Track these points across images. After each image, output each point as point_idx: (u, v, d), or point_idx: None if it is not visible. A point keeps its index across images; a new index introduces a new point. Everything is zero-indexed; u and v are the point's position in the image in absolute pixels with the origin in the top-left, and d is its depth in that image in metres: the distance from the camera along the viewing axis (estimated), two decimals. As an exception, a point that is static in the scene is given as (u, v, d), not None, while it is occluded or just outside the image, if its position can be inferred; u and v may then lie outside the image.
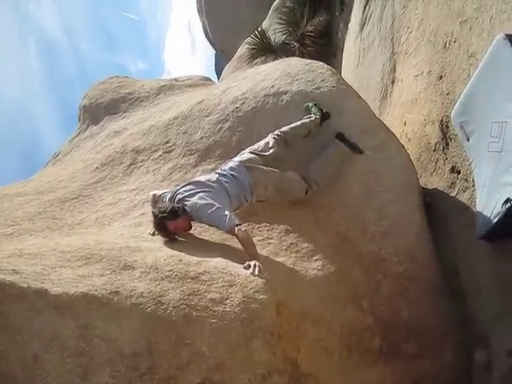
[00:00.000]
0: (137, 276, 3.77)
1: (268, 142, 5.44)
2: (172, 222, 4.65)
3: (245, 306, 3.76)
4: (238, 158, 5.22)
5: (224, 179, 4.95)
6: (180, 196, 4.85)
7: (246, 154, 5.29)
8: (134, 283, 3.67)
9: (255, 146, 5.42)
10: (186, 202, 4.74)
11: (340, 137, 5.57)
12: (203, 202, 4.66)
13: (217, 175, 5.03)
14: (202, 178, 5.04)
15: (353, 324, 4.66)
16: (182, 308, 3.60)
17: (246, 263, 4.20)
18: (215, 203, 4.63)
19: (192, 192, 4.82)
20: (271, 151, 5.36)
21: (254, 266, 4.14)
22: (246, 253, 4.42)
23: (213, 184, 4.89)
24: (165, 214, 4.62)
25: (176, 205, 4.74)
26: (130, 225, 5.12)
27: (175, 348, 3.42)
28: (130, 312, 3.44)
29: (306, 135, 5.68)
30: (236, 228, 4.45)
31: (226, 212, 4.55)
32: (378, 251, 5.23)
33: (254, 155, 5.25)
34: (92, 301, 3.39)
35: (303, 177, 5.29)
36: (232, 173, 5.01)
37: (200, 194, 4.74)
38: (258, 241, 4.96)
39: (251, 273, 4.07)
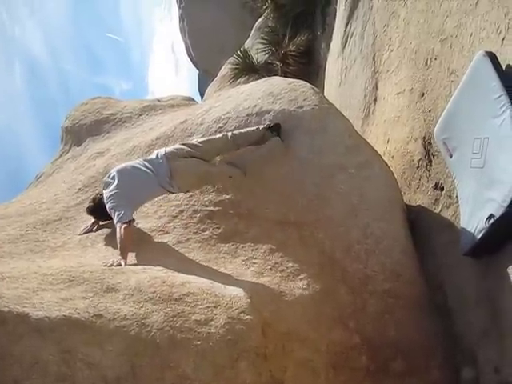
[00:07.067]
0: (120, 298, 3.74)
1: (217, 136, 5.73)
2: None
3: (230, 327, 3.73)
4: (163, 149, 5.42)
5: (139, 170, 5.18)
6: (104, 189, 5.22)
7: (175, 145, 5.54)
8: (117, 306, 3.63)
9: (200, 138, 5.74)
10: (104, 191, 5.14)
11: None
12: (111, 193, 5.00)
13: (138, 163, 5.28)
14: (123, 167, 5.31)
15: (339, 343, 4.64)
16: (166, 330, 3.56)
17: (111, 260, 4.45)
18: (118, 197, 4.96)
19: (110, 182, 5.15)
20: (210, 144, 5.59)
21: (113, 261, 4.41)
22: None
23: (128, 173, 5.18)
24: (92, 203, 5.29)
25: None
26: (114, 246, 5.08)
27: (159, 371, 3.38)
28: (113, 335, 3.41)
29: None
30: (122, 225, 4.71)
31: (122, 209, 4.83)
32: (363, 269, 5.21)
33: (184, 146, 5.45)
34: (74, 324, 3.35)
35: (232, 163, 5.58)
36: (152, 162, 5.25)
37: (112, 186, 5.07)
38: (243, 261, 4.94)
39: (109, 265, 4.32)
